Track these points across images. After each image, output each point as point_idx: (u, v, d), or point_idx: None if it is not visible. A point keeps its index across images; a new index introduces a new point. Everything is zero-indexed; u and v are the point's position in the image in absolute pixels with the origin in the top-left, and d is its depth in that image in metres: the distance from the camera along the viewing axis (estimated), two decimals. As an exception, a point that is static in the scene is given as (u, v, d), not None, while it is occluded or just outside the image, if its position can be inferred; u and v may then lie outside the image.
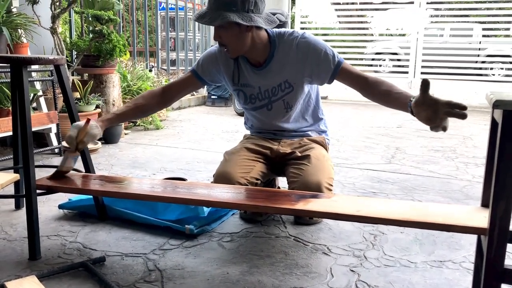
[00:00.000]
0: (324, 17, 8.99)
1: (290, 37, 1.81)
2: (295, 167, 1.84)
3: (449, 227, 1.26)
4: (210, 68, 1.91)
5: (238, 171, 1.82)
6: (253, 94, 1.91)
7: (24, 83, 1.62)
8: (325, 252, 1.70)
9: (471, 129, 4.75)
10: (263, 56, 1.83)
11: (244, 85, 1.90)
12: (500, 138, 1.07)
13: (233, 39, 1.72)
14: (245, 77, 1.88)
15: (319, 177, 1.76)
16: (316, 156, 1.87)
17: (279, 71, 1.83)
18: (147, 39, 5.53)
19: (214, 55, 1.91)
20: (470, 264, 1.61)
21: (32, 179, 1.61)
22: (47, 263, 1.58)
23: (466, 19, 8.58)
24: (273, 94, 1.89)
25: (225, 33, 1.70)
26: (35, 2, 3.22)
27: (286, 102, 1.89)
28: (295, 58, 1.80)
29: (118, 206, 1.97)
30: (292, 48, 1.80)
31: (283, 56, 1.81)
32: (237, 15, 1.64)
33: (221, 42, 1.74)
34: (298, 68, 1.81)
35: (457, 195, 2.46)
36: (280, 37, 1.83)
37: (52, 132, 3.26)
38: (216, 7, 1.65)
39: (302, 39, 1.80)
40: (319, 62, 1.77)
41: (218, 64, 1.90)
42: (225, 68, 1.90)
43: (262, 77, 1.86)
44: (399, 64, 8.27)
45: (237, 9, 1.64)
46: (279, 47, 1.82)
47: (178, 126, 4.61)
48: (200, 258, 1.64)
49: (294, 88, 1.86)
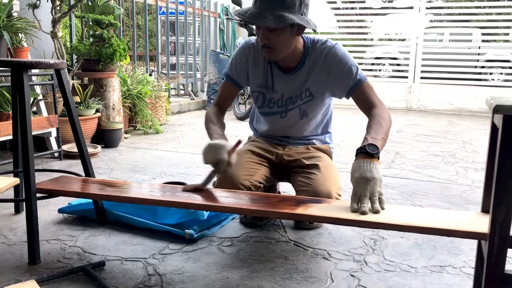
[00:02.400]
0: (324, 21, 9.01)
1: (322, 46, 1.79)
2: (303, 175, 1.82)
3: (449, 232, 1.26)
4: (243, 69, 1.88)
5: (243, 173, 1.80)
6: (273, 98, 1.88)
7: (24, 87, 1.62)
8: (325, 257, 1.70)
9: (471, 133, 4.75)
10: (295, 61, 1.80)
11: (269, 88, 1.87)
12: (500, 143, 1.07)
13: (283, 42, 1.67)
14: (272, 81, 1.86)
15: (329, 187, 1.74)
16: (325, 165, 1.85)
17: (305, 79, 1.81)
18: (147, 44, 5.54)
19: (245, 53, 1.87)
20: (471, 269, 1.60)
21: (32, 183, 1.60)
22: (47, 267, 1.57)
23: (465, 24, 8.61)
24: (292, 102, 1.86)
25: (277, 35, 1.64)
26: (35, 7, 3.22)
27: (302, 110, 1.87)
28: (321, 68, 1.78)
29: (118, 210, 1.96)
30: (321, 58, 1.78)
31: (312, 65, 1.80)
32: (296, 17, 1.59)
33: (267, 44, 1.67)
34: (322, 78, 1.80)
35: (457, 200, 2.46)
36: (313, 44, 1.81)
37: (52, 136, 3.26)
38: (274, 7, 1.58)
39: (332, 49, 1.77)
40: (341, 75, 1.76)
41: (247, 62, 1.87)
42: (253, 67, 1.87)
43: (288, 83, 1.84)
44: (399, 69, 8.28)
45: (295, 11, 1.60)
46: (311, 55, 1.80)
47: (178, 130, 4.61)
48: (200, 262, 1.63)
49: (314, 98, 1.84)
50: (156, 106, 4.71)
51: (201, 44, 6.90)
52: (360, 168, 1.37)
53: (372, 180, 1.35)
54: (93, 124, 3.54)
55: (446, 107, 6.91)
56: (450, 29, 9.17)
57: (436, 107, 6.93)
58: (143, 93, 4.34)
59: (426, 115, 6.30)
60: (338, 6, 8.95)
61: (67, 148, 3.25)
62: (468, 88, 7.02)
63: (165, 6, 5.96)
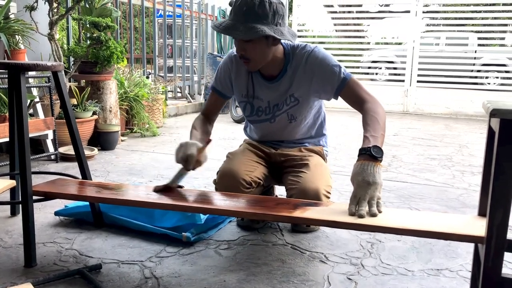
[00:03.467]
0: (321, 25, 9.05)
1: (302, 51, 1.80)
2: (293, 174, 1.84)
3: (446, 236, 1.26)
4: (227, 81, 1.91)
5: (243, 169, 1.81)
6: (261, 107, 1.90)
7: (22, 89, 1.61)
8: (322, 260, 1.70)
9: (467, 137, 4.77)
10: (277, 69, 1.81)
11: (255, 97, 1.89)
12: (497, 146, 1.08)
13: (259, 53, 1.68)
14: (257, 90, 1.87)
15: (317, 184, 1.76)
16: (314, 164, 1.87)
17: (289, 86, 1.82)
18: (144, 46, 5.54)
19: (227, 66, 1.90)
20: (467, 272, 1.61)
21: (29, 186, 1.60)
22: (43, 270, 1.57)
23: (461, 28, 8.65)
24: (278, 108, 1.88)
25: (252, 46, 1.66)
26: (33, 9, 3.22)
27: (290, 115, 1.88)
28: (304, 73, 1.79)
29: (115, 213, 1.96)
30: (302, 63, 1.79)
31: (294, 70, 1.80)
32: (269, 28, 1.60)
33: (244, 55, 1.70)
34: (305, 83, 1.80)
35: (454, 203, 2.46)
36: (294, 50, 1.81)
37: (48, 138, 3.25)
38: (247, 19, 1.59)
39: (312, 53, 1.78)
40: (324, 77, 1.76)
41: (231, 75, 1.90)
42: (236, 79, 1.89)
43: (273, 91, 1.85)
44: (395, 73, 8.30)
45: (268, 22, 1.60)
46: (292, 61, 1.80)
47: (175, 133, 4.61)
48: (197, 265, 1.63)
49: (299, 102, 1.85)
50: (153, 109, 4.71)
51: (198, 47, 6.91)
52: (364, 171, 1.37)
53: (373, 185, 1.35)
54: (90, 127, 3.54)
55: (443, 111, 6.93)
56: (446, 33, 9.21)
57: (432, 111, 6.95)
58: (140, 96, 4.34)
59: (423, 119, 6.31)
60: (335, 10, 8.97)
61: (64, 151, 3.24)
62: (465, 92, 7.05)
63: (163, 9, 5.97)
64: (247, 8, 1.59)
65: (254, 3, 1.59)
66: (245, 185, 1.77)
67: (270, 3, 1.60)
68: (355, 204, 1.35)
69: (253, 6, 1.59)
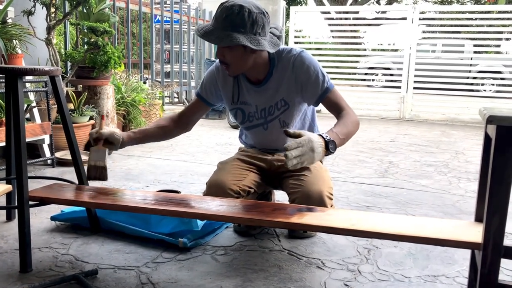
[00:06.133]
0: (318, 31, 9.10)
1: (288, 55, 1.82)
2: (295, 178, 1.84)
3: (443, 242, 1.26)
4: (212, 89, 1.93)
5: (230, 179, 1.82)
6: (251, 112, 1.92)
7: (19, 94, 1.61)
8: (319, 266, 1.70)
9: (463, 144, 4.79)
10: (262, 74, 1.83)
11: (243, 103, 1.91)
12: (493, 153, 1.08)
13: (236, 59, 1.71)
14: (244, 95, 1.89)
15: (320, 187, 1.76)
16: (315, 167, 1.88)
17: (276, 89, 1.84)
18: (141, 51, 5.55)
19: (213, 74, 1.93)
20: (464, 279, 1.61)
21: (25, 191, 1.59)
22: (39, 275, 1.56)
23: (457, 35, 8.70)
24: (269, 113, 1.89)
25: (230, 53, 1.69)
26: (30, 13, 3.22)
27: (282, 121, 1.90)
28: (290, 76, 1.81)
29: (111, 219, 1.95)
30: (289, 66, 1.80)
31: (281, 74, 1.82)
32: (245, 37, 1.62)
33: (223, 60, 1.73)
34: (292, 86, 1.82)
35: (450, 209, 2.47)
36: (279, 54, 1.83)
37: (45, 143, 3.24)
38: (224, 26, 1.62)
39: (298, 57, 1.80)
40: (308, 83, 1.78)
41: (216, 83, 1.92)
42: (223, 87, 1.91)
43: (260, 95, 1.86)
44: (392, 79, 8.34)
45: (246, 31, 1.63)
46: (278, 65, 1.82)
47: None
48: (194, 271, 1.63)
49: (289, 106, 1.86)
50: (150, 114, 4.71)
51: (195, 52, 6.92)
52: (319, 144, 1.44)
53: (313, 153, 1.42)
54: (87, 132, 3.53)
55: (439, 117, 6.96)
56: (442, 40, 9.27)
57: (429, 117, 6.98)
58: (137, 101, 4.34)
59: (419, 125, 6.34)
60: (332, 17, 9.03)
61: (60, 155, 3.24)
62: (461, 99, 7.08)
63: (160, 15, 5.98)
64: (226, 16, 1.62)
65: (233, 11, 1.61)
66: (233, 195, 1.78)
67: (250, 13, 1.62)
68: (294, 148, 1.38)
69: (232, 14, 1.61)
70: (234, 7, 1.61)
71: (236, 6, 1.61)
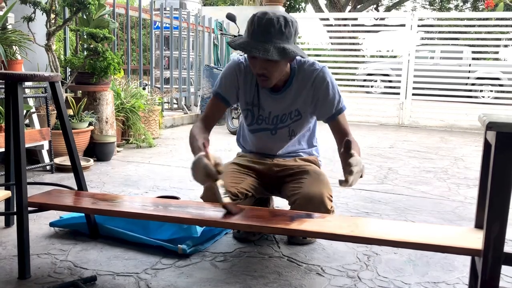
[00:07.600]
0: (317, 38, 9.12)
1: (310, 68, 1.83)
2: (294, 181, 1.85)
3: (443, 248, 1.26)
4: (232, 88, 1.89)
5: (228, 181, 1.81)
6: (262, 116, 1.91)
7: (19, 99, 1.61)
8: (319, 273, 1.69)
9: (462, 150, 4.79)
10: (282, 82, 1.84)
11: (257, 106, 1.90)
12: (493, 159, 1.08)
13: (279, 71, 1.71)
14: (261, 100, 1.89)
15: (321, 188, 1.77)
16: (314, 170, 1.89)
17: (293, 99, 1.85)
18: (141, 58, 5.55)
19: (234, 73, 1.88)
20: (464, 285, 1.60)
21: (24, 197, 1.59)
22: (37, 282, 1.55)
23: (456, 42, 8.74)
24: (281, 121, 1.89)
25: (275, 65, 1.67)
26: (30, 19, 3.23)
27: (291, 130, 1.91)
28: (309, 89, 1.82)
29: (110, 225, 1.95)
30: (310, 80, 1.82)
31: (300, 85, 1.83)
32: (294, 48, 1.64)
33: (264, 73, 1.70)
34: (308, 99, 1.84)
35: (450, 216, 2.46)
36: (300, 65, 1.84)
37: (44, 149, 3.23)
38: (272, 40, 1.60)
39: (321, 73, 1.81)
40: (325, 101, 1.81)
41: (237, 82, 1.89)
42: (244, 87, 1.89)
43: (276, 102, 1.87)
44: (391, 85, 8.36)
45: (292, 41, 1.65)
46: (298, 75, 1.83)
47: (171, 144, 4.60)
48: (193, 278, 1.62)
49: (302, 117, 1.88)
50: (149, 120, 4.71)
51: (195, 58, 6.93)
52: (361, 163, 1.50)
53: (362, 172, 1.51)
54: (86, 137, 3.53)
55: (438, 124, 6.97)
56: (441, 46, 9.30)
57: (427, 124, 6.99)
58: (137, 107, 4.34)
59: (418, 131, 6.34)
60: (331, 23, 9.06)
61: (59, 161, 3.23)
62: (459, 105, 7.10)
63: (160, 21, 6.00)
64: (274, 29, 1.60)
65: (280, 23, 1.61)
66: (230, 198, 1.76)
67: (292, 22, 1.64)
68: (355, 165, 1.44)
69: (280, 26, 1.60)
70: (280, 19, 1.61)
71: (280, 17, 1.62)
